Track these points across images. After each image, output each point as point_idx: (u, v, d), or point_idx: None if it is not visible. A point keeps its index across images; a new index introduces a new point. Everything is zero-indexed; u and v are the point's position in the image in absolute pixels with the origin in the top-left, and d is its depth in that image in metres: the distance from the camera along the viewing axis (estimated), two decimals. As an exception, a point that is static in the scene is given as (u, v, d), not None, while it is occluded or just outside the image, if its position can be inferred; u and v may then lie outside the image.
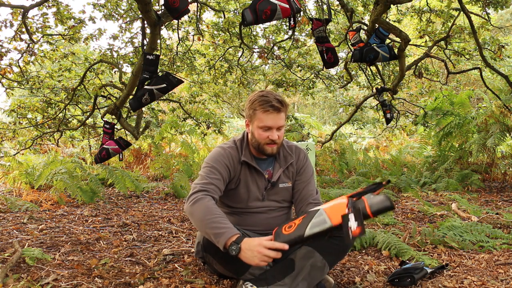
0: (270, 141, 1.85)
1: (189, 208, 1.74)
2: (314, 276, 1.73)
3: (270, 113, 1.81)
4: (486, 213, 3.49)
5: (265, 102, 1.81)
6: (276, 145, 1.89)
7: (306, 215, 1.56)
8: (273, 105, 1.80)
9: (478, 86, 11.15)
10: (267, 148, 1.87)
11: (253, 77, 7.45)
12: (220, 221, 1.64)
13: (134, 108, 2.86)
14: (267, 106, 1.80)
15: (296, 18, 2.61)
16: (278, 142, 1.88)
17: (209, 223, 1.63)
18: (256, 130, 1.86)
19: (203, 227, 1.67)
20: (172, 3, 2.43)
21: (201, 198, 1.72)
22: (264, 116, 1.82)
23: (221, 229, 1.60)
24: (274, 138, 1.84)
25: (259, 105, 1.82)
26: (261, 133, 1.85)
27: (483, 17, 4.42)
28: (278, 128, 1.85)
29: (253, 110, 1.85)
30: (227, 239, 1.57)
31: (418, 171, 6.10)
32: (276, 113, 1.82)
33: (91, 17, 4.95)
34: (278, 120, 1.83)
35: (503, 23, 17.18)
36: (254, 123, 1.86)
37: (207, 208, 1.68)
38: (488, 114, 5.45)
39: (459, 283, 1.96)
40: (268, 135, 1.84)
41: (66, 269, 2.03)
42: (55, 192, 4.18)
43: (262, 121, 1.83)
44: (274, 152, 1.90)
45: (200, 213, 1.68)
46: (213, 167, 1.86)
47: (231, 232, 1.60)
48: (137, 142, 7.16)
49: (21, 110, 5.36)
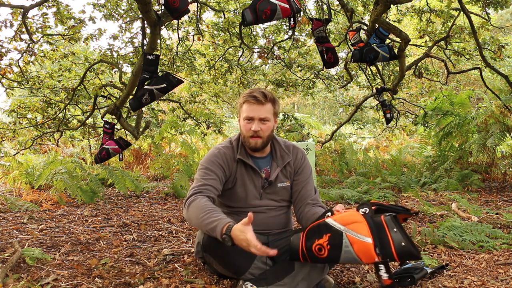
0: (252, 132, 1.88)
1: (186, 214, 1.78)
2: (314, 276, 1.73)
3: (251, 104, 1.87)
4: (486, 213, 3.49)
5: (248, 94, 1.90)
6: (260, 139, 1.91)
7: (330, 235, 1.50)
8: (254, 95, 1.87)
9: (478, 86, 11.15)
10: (251, 141, 1.91)
11: (253, 77, 7.44)
12: (212, 215, 1.64)
13: (134, 108, 2.87)
14: (248, 97, 1.88)
15: (296, 18, 2.61)
16: (262, 135, 1.90)
17: (203, 220, 1.65)
18: (241, 122, 1.93)
19: (202, 227, 1.69)
20: (172, 3, 2.43)
21: (193, 200, 1.75)
22: (247, 107, 1.89)
23: (214, 223, 1.61)
24: (256, 129, 1.87)
25: (243, 98, 1.92)
26: (245, 124, 1.91)
27: (483, 17, 4.42)
28: (261, 121, 1.89)
29: (240, 104, 1.94)
30: (220, 232, 1.57)
31: (418, 171, 6.10)
32: (257, 104, 1.87)
33: (91, 17, 4.94)
34: (259, 111, 1.87)
35: (503, 23, 17.18)
36: (240, 116, 1.94)
37: (198, 207, 1.70)
38: (488, 114, 5.45)
39: (459, 283, 1.96)
40: (251, 126, 1.88)
41: (66, 269, 2.03)
42: (55, 192, 4.18)
43: (244, 112, 1.90)
44: (258, 145, 1.92)
45: (194, 214, 1.70)
46: (207, 169, 1.89)
47: (222, 223, 1.58)
48: (137, 142, 7.16)
49: (21, 110, 5.35)
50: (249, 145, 1.93)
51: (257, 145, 1.92)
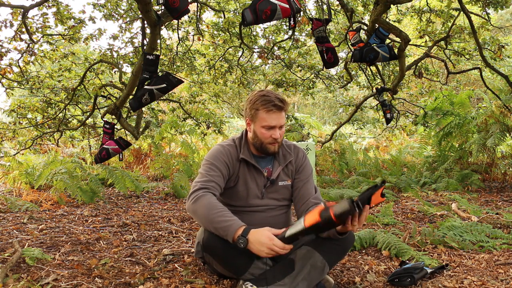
0: (273, 140, 1.89)
1: (191, 206, 1.75)
2: (314, 276, 1.73)
3: (273, 113, 1.84)
4: (486, 213, 3.49)
5: (268, 101, 1.83)
6: (278, 144, 1.92)
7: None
8: (276, 104, 1.83)
9: (478, 86, 11.15)
10: (270, 147, 1.91)
11: (253, 77, 7.44)
12: (225, 214, 1.67)
13: (134, 108, 2.86)
14: (270, 106, 1.83)
15: (296, 18, 2.60)
16: (280, 140, 1.92)
17: (214, 217, 1.66)
18: (258, 129, 1.88)
19: (209, 223, 1.69)
20: (172, 3, 2.43)
21: (203, 195, 1.74)
22: (267, 116, 1.84)
23: (227, 222, 1.64)
24: (277, 137, 1.88)
25: (261, 105, 1.84)
26: (264, 132, 1.87)
27: (483, 17, 4.41)
28: (280, 127, 1.89)
29: (255, 110, 1.87)
30: (234, 232, 1.60)
31: (418, 171, 6.10)
32: (279, 112, 1.85)
33: (91, 17, 4.95)
34: (280, 119, 1.86)
35: (503, 23, 17.18)
36: (257, 122, 1.88)
37: (210, 204, 1.70)
38: (488, 114, 5.44)
39: (459, 283, 1.96)
40: (271, 134, 1.87)
41: (66, 269, 2.03)
42: (55, 192, 4.18)
43: (265, 120, 1.85)
44: (276, 150, 1.94)
45: (204, 209, 1.70)
46: (213, 164, 1.88)
47: (237, 224, 1.63)
48: (137, 142, 7.16)
49: (21, 110, 5.36)
50: (268, 151, 1.92)
51: (276, 150, 1.93)
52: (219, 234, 1.67)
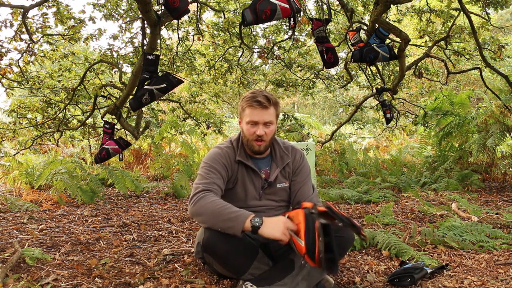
0: (257, 137, 1.89)
1: (194, 208, 1.74)
2: (313, 276, 1.73)
3: (255, 108, 1.86)
4: (486, 213, 3.49)
5: (252, 98, 1.88)
6: (264, 143, 1.92)
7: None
8: (258, 100, 1.85)
9: (478, 86, 11.15)
10: (255, 144, 1.91)
11: (253, 77, 7.45)
12: (232, 207, 1.69)
13: (134, 108, 2.86)
14: (252, 102, 1.86)
15: (296, 18, 2.60)
16: (266, 139, 1.91)
17: (222, 210, 1.67)
18: (245, 126, 1.92)
19: (216, 218, 1.68)
20: (172, 3, 2.43)
21: (205, 196, 1.74)
22: (250, 111, 1.88)
23: (237, 213, 1.65)
24: (260, 134, 1.88)
25: (246, 101, 1.89)
26: (248, 128, 1.90)
27: (483, 17, 4.41)
28: (266, 124, 1.89)
29: (241, 107, 1.92)
30: (246, 218, 1.62)
31: (418, 171, 6.10)
32: (261, 109, 1.86)
33: (91, 17, 4.94)
34: (263, 115, 1.87)
35: (503, 23, 17.18)
36: (243, 119, 1.93)
37: (216, 201, 1.72)
38: (488, 114, 5.44)
39: (459, 283, 1.96)
40: (255, 130, 1.88)
41: (66, 269, 2.03)
42: (55, 192, 4.18)
43: (248, 116, 1.89)
44: (262, 149, 1.94)
45: (210, 206, 1.70)
46: (212, 167, 1.88)
47: (248, 213, 1.66)
48: (137, 142, 7.16)
49: (21, 110, 5.35)
50: (253, 149, 1.93)
51: (261, 149, 1.93)
52: (227, 226, 1.65)
